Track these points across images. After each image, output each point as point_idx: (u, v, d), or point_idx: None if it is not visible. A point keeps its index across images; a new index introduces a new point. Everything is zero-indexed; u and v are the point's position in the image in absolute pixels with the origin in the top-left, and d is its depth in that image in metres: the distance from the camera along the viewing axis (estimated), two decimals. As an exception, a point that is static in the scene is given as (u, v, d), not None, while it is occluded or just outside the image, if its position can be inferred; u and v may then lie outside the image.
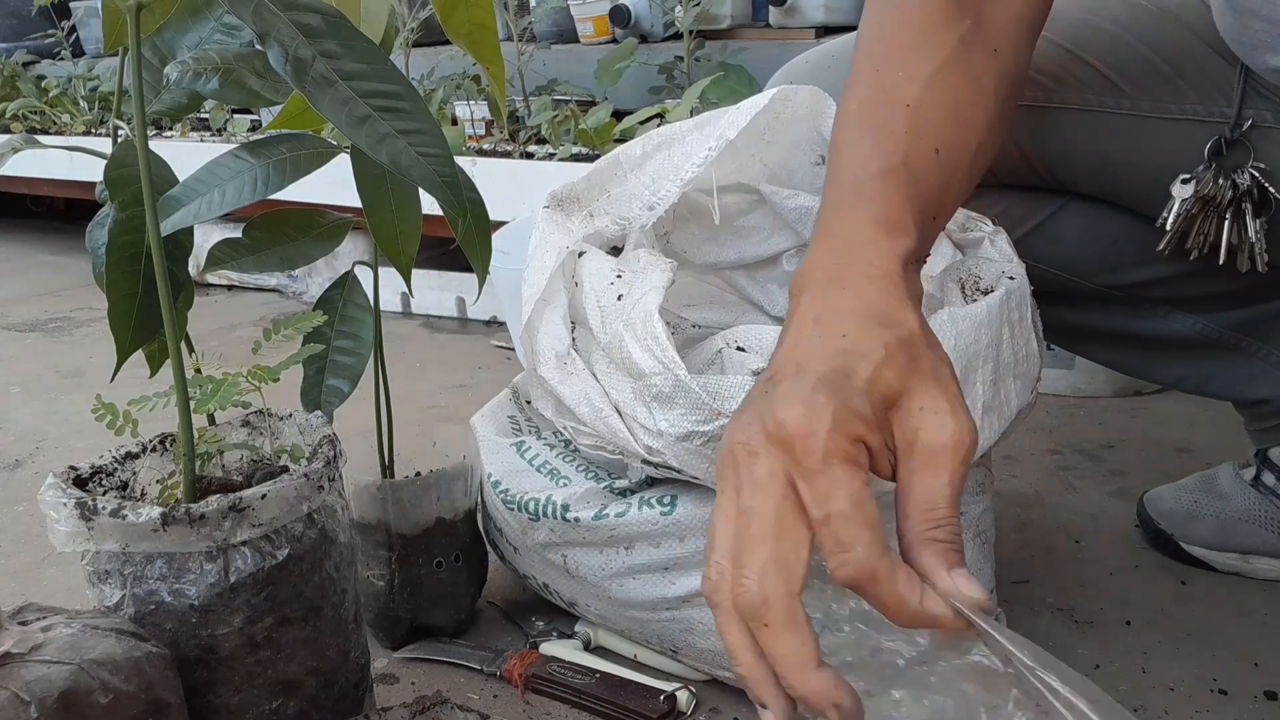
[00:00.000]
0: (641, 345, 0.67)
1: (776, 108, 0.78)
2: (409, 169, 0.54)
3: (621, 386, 0.69)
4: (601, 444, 0.72)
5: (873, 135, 0.58)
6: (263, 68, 0.65)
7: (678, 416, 0.65)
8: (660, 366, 0.66)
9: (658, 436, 0.66)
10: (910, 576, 0.44)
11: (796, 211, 0.80)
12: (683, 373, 0.65)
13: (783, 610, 0.44)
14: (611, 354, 0.69)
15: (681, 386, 0.65)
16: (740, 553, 0.45)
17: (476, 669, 0.82)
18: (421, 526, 0.82)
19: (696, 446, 0.65)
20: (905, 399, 0.47)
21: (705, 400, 0.64)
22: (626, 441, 0.68)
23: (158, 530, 0.58)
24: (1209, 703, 0.76)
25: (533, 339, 0.74)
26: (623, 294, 0.70)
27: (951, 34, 0.60)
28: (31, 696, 0.50)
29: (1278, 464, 0.91)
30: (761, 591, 0.44)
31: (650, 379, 0.66)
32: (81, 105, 2.51)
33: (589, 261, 0.73)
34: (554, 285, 0.74)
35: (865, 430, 0.46)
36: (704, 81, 1.63)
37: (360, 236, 1.06)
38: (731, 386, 0.65)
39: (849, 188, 0.56)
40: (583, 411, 0.71)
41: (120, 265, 0.66)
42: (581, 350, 0.72)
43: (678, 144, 0.76)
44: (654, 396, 0.66)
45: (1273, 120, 0.75)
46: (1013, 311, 0.70)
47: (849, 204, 0.55)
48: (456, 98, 1.92)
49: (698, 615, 0.73)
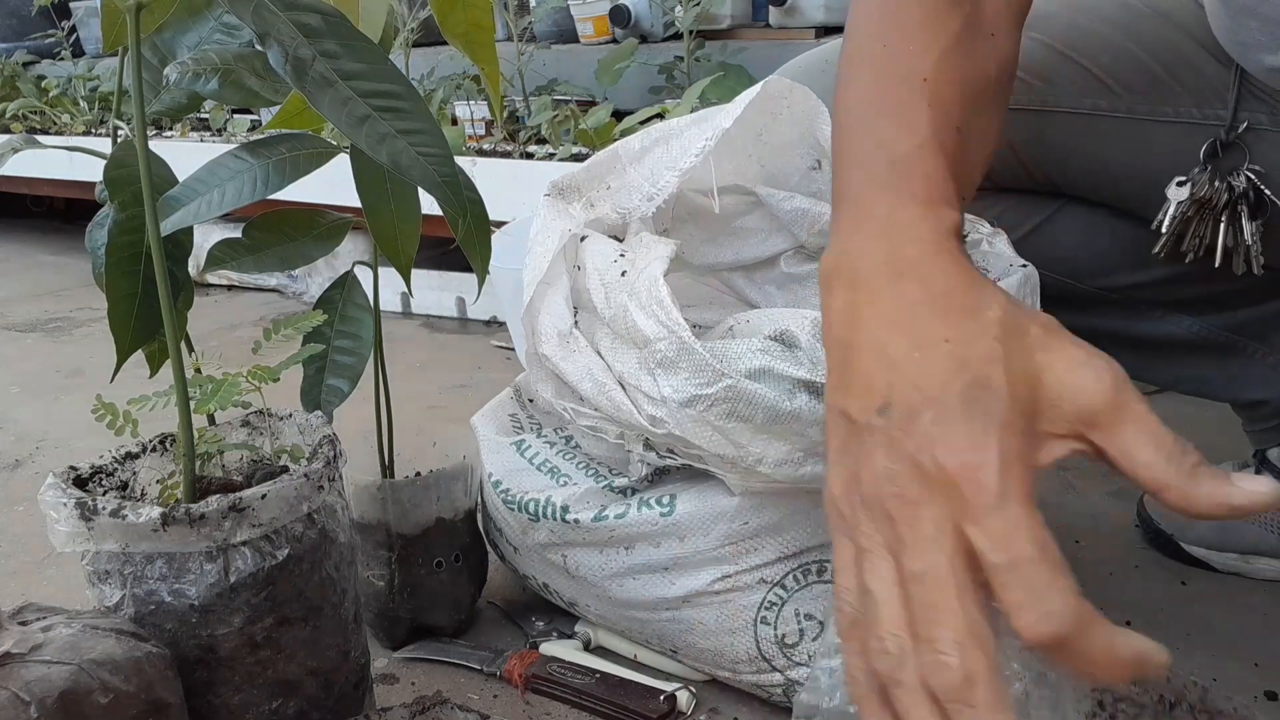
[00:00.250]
0: (646, 311, 0.67)
1: (773, 107, 0.78)
2: (409, 169, 0.54)
3: (626, 358, 0.68)
4: (603, 423, 0.71)
5: (895, 112, 0.54)
6: (262, 68, 0.65)
7: (681, 381, 0.65)
8: (665, 331, 0.65)
9: (661, 404, 0.66)
10: (1107, 627, 0.39)
11: (793, 214, 0.80)
12: (687, 334, 0.65)
13: (988, 688, 0.39)
14: (616, 326, 0.69)
15: (686, 349, 0.65)
16: (926, 625, 0.40)
17: (476, 669, 0.82)
18: (421, 526, 0.82)
19: (699, 412, 0.65)
20: (1043, 376, 0.43)
21: (710, 362, 0.64)
22: (629, 415, 0.68)
23: (158, 530, 0.58)
24: (1209, 703, 0.76)
25: (534, 320, 0.74)
26: (626, 270, 0.70)
27: (956, 16, 0.57)
28: (31, 696, 0.50)
29: (1276, 465, 0.91)
30: (964, 669, 0.39)
31: (655, 345, 0.66)
32: (81, 105, 2.51)
33: (592, 244, 0.73)
34: (556, 268, 0.74)
35: (1031, 450, 0.42)
36: (704, 81, 1.63)
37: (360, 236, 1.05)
38: (739, 348, 0.64)
39: (884, 168, 0.52)
40: (585, 387, 0.70)
41: (120, 265, 0.66)
42: (584, 331, 0.72)
43: (676, 138, 0.76)
44: (658, 362, 0.66)
45: (1268, 122, 0.75)
46: (1027, 297, 0.70)
47: (887, 184, 0.52)
48: (456, 98, 1.92)
49: (698, 615, 0.73)
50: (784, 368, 0.64)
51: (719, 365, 0.64)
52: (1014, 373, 0.43)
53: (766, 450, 0.65)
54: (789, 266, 0.84)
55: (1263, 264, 0.76)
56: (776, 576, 0.71)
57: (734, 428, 0.65)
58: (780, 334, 0.66)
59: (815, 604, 0.71)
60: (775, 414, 0.64)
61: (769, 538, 0.70)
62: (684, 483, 0.73)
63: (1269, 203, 0.75)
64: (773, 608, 0.71)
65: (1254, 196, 0.75)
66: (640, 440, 0.71)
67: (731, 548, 0.71)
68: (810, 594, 0.71)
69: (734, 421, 0.64)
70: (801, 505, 0.69)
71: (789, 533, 0.70)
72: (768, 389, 0.64)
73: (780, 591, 0.71)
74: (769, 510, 0.70)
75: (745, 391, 0.64)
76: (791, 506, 0.70)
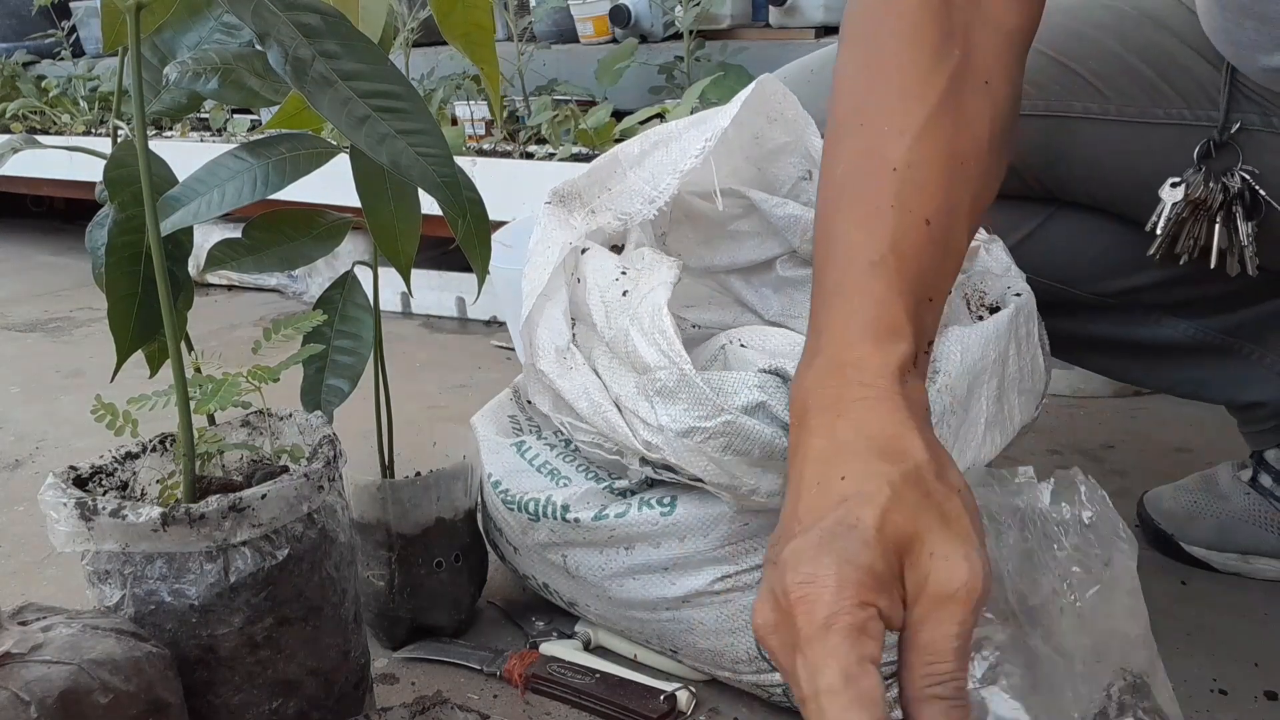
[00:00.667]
0: (648, 339, 0.67)
1: (769, 111, 0.78)
2: (409, 169, 0.54)
3: (624, 381, 0.69)
4: (599, 441, 0.72)
5: (859, 216, 0.54)
6: (262, 68, 0.65)
7: (680, 411, 0.65)
8: (666, 361, 0.65)
9: (658, 432, 0.66)
10: None
11: (785, 220, 0.80)
12: (689, 367, 0.65)
13: None
14: (616, 349, 0.69)
15: (686, 381, 0.65)
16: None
17: (476, 669, 0.82)
18: (421, 526, 0.82)
19: (697, 443, 0.65)
20: (916, 543, 0.43)
21: (709, 395, 0.64)
22: (625, 438, 0.68)
23: (158, 530, 0.58)
24: (1209, 703, 0.76)
25: (532, 333, 0.74)
26: (628, 290, 0.70)
27: (941, 74, 0.55)
28: (31, 696, 0.50)
29: (1274, 466, 0.91)
30: None
31: (655, 373, 0.66)
32: (81, 105, 2.51)
33: (592, 258, 0.73)
34: (555, 281, 0.74)
35: (874, 591, 0.42)
36: (704, 81, 1.63)
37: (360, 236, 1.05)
38: (736, 382, 0.65)
39: (833, 284, 0.53)
40: (581, 406, 0.70)
41: (120, 265, 0.66)
42: (582, 346, 0.72)
43: (675, 141, 0.76)
44: (657, 391, 0.66)
45: (1260, 123, 0.75)
46: (1020, 328, 0.70)
47: (835, 306, 0.52)
48: (456, 98, 1.92)
49: (698, 615, 0.73)
50: (779, 406, 0.64)
51: (718, 399, 0.64)
52: (889, 524, 0.43)
53: (760, 482, 0.66)
54: (785, 270, 0.84)
55: (1258, 265, 0.76)
56: (776, 576, 0.71)
57: (730, 460, 0.65)
58: (776, 369, 0.66)
59: None
60: (771, 450, 0.64)
61: (769, 538, 0.70)
62: (684, 484, 0.73)
63: (1263, 203, 0.75)
64: (773, 608, 0.71)
65: (1249, 197, 0.75)
66: (637, 458, 0.71)
67: (731, 548, 0.71)
68: None
69: (730, 455, 0.65)
70: (801, 505, 0.69)
71: (789, 533, 0.70)
72: (764, 425, 0.64)
73: (780, 591, 0.71)
74: (769, 511, 0.70)
75: (743, 428, 0.64)
76: (791, 506, 0.70)
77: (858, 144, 0.56)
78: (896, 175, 0.54)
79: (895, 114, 0.55)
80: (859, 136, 0.56)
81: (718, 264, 0.85)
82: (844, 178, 0.56)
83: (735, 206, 0.82)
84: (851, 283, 0.52)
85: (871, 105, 0.57)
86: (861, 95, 0.58)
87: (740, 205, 0.82)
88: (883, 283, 0.51)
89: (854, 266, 0.52)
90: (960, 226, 0.56)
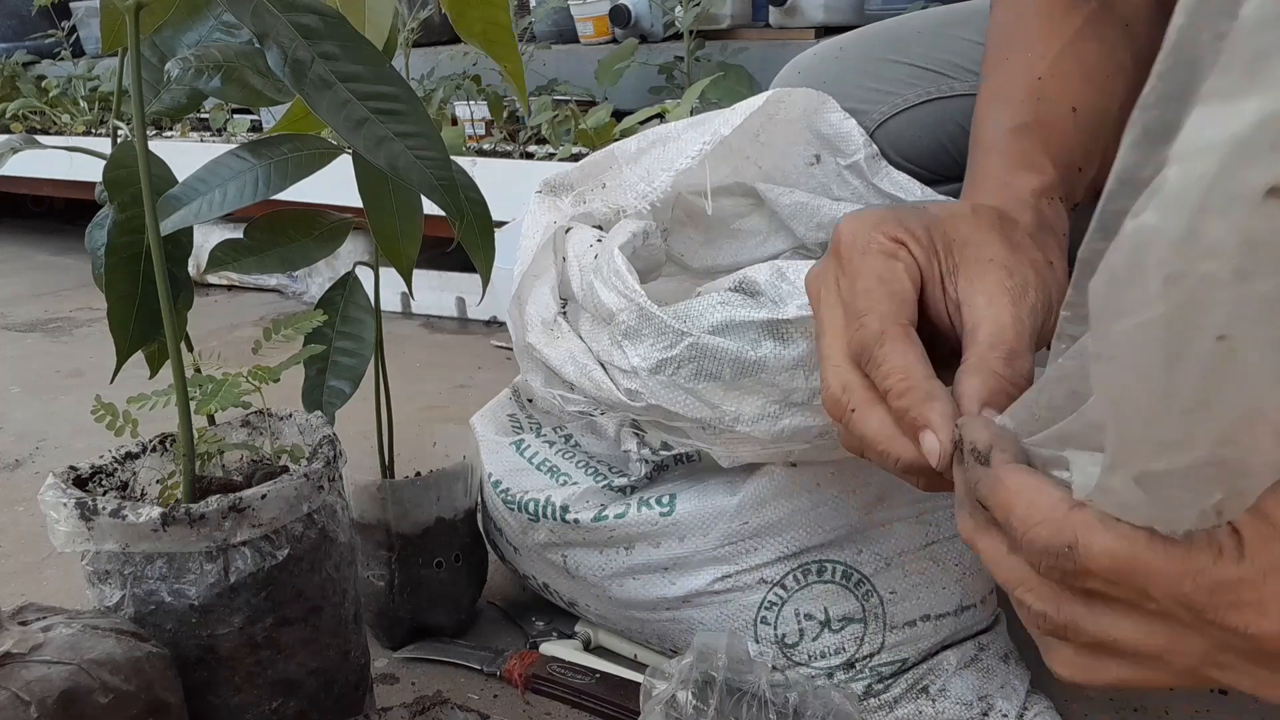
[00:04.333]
0: (607, 285, 0.67)
1: (770, 109, 0.78)
2: (406, 173, 0.54)
3: (601, 337, 0.69)
4: (589, 405, 0.71)
5: (1005, 105, 0.60)
6: (265, 66, 0.65)
7: (647, 348, 0.65)
8: (625, 301, 0.65)
9: (634, 376, 0.66)
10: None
11: (793, 208, 0.80)
12: (644, 300, 0.65)
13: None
14: (588, 306, 0.70)
15: (645, 315, 0.65)
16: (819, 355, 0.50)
17: (476, 669, 0.82)
18: (421, 526, 0.82)
19: (668, 376, 0.65)
20: (969, 250, 0.48)
21: (671, 324, 0.64)
22: (610, 393, 0.68)
23: (158, 530, 0.58)
24: (1209, 703, 0.76)
25: (521, 309, 0.74)
26: (599, 253, 0.70)
27: (1076, 16, 0.61)
28: (31, 696, 0.50)
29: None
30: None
31: (618, 316, 0.66)
32: (81, 105, 2.51)
33: (575, 234, 0.74)
34: (542, 260, 0.74)
35: (907, 234, 0.48)
36: (704, 81, 1.63)
37: (361, 237, 1.06)
38: (699, 307, 0.65)
39: (982, 147, 0.59)
40: (568, 371, 0.70)
41: (120, 266, 0.66)
42: (570, 319, 0.73)
43: (673, 141, 0.76)
44: (624, 334, 0.66)
45: None
46: None
47: (981, 159, 0.58)
48: (456, 98, 1.92)
49: (698, 615, 0.73)
50: (745, 314, 0.64)
51: (680, 326, 0.64)
52: (949, 219, 0.50)
53: (740, 408, 0.65)
54: (789, 267, 0.84)
55: None
56: (776, 576, 0.71)
57: (704, 388, 0.64)
58: (740, 284, 0.66)
59: (815, 604, 0.71)
60: (742, 366, 0.63)
61: (769, 537, 0.70)
62: (683, 482, 0.73)
63: None
64: (773, 608, 0.71)
65: None
66: (634, 438, 0.71)
67: (731, 547, 0.71)
68: (810, 594, 0.71)
69: (703, 381, 0.64)
70: (802, 505, 0.70)
71: (789, 533, 0.70)
72: (730, 341, 0.63)
73: (780, 591, 0.71)
74: (769, 510, 0.70)
75: (708, 347, 0.63)
76: (791, 506, 0.70)
77: (1002, 71, 0.62)
78: (1039, 81, 0.60)
79: (1034, 46, 0.61)
80: (1003, 67, 0.62)
81: (721, 264, 0.85)
82: (990, 93, 0.62)
83: (739, 205, 0.82)
84: (995, 142, 0.58)
85: (1012, 45, 0.63)
86: (1003, 40, 0.64)
87: (744, 203, 0.82)
88: (1025, 138, 0.57)
89: (1001, 132, 0.58)
90: (1109, 126, 0.60)
